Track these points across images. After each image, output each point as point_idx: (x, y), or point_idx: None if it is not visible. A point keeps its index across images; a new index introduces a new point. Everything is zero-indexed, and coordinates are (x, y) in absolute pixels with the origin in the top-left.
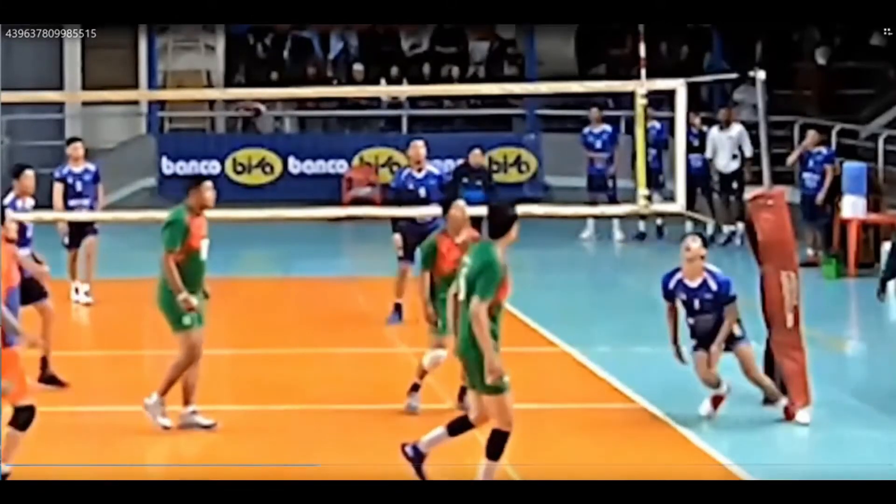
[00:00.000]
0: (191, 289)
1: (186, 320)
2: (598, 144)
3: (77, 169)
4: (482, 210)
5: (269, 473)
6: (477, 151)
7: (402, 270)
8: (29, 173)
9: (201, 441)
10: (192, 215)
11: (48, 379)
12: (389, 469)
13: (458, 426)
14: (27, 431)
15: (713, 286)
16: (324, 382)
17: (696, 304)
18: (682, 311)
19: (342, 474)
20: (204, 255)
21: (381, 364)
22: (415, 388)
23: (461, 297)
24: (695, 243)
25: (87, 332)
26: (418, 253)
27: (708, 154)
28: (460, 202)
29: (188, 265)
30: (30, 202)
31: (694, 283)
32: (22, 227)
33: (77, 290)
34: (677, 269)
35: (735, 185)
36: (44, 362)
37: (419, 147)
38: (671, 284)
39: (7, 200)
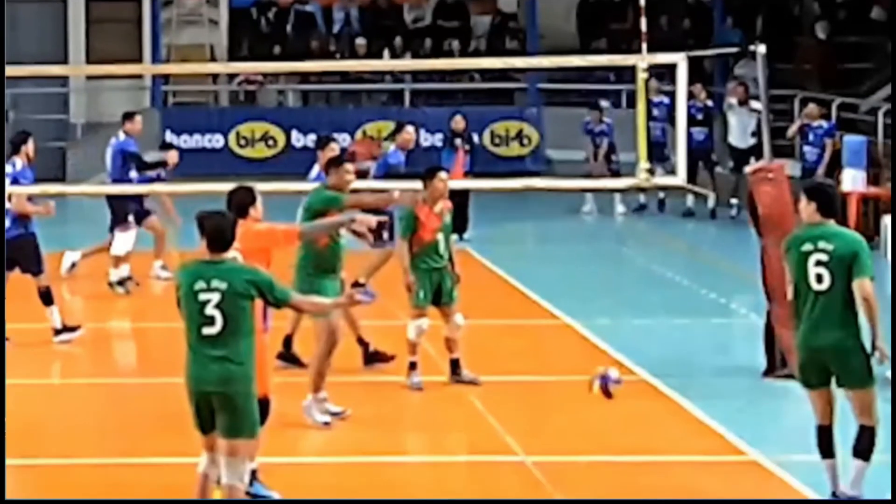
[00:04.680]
0: (329, 275)
1: None
2: (598, 140)
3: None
4: (471, 183)
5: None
6: (458, 117)
7: (386, 253)
8: (334, 146)
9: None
10: None
11: (289, 357)
12: (394, 445)
13: (861, 445)
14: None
15: None
16: None
17: None
18: None
19: (344, 451)
20: (344, 239)
21: (384, 336)
22: (412, 366)
23: (820, 286)
24: None
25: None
26: (397, 224)
27: (731, 132)
28: (443, 174)
29: (326, 250)
30: None
31: None
32: None
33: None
34: None
35: (753, 159)
36: (287, 340)
37: (412, 134)
38: None
39: (313, 174)
